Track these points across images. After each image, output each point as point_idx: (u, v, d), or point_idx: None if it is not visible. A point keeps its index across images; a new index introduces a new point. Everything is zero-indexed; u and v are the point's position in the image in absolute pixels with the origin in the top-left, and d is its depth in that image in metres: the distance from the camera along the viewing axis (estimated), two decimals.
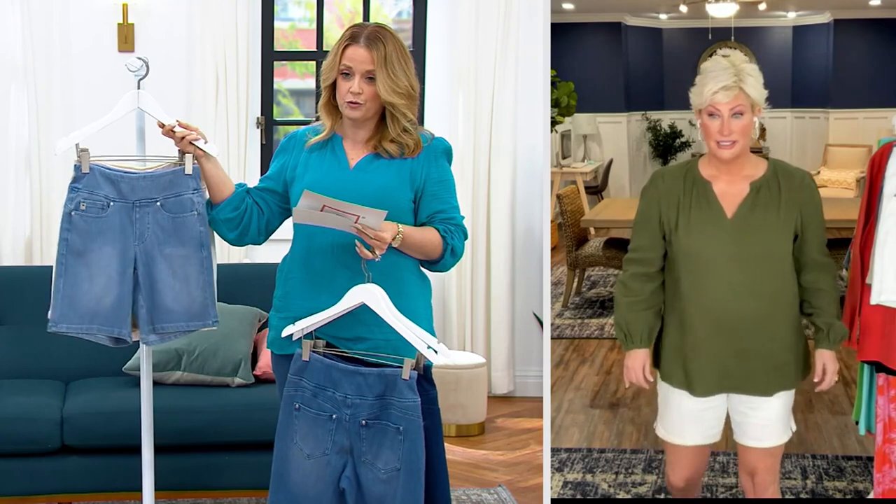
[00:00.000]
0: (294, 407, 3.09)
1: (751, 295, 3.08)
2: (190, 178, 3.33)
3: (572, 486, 4.22)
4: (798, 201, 3.10)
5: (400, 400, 2.97)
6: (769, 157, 3.22)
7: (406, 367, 2.97)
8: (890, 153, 3.37)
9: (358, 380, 3.02)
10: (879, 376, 3.48)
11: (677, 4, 10.01)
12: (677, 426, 3.25)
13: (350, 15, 6.64)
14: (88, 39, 6.04)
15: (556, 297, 6.92)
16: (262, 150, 6.36)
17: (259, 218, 3.28)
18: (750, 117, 3.02)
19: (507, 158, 6.35)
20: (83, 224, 3.32)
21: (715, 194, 3.10)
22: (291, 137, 3.30)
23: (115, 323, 3.33)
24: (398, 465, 2.98)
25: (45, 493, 4.19)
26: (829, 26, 10.70)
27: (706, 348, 3.12)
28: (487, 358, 6.35)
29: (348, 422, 3.03)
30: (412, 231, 3.12)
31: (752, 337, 3.11)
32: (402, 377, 2.96)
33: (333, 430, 3.04)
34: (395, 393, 2.98)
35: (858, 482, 4.20)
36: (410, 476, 2.97)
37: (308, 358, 3.07)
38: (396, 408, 2.97)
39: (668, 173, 3.17)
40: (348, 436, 3.03)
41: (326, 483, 3.05)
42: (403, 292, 3.15)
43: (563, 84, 8.72)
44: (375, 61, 3.07)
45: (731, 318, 3.09)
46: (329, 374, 3.04)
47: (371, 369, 3.02)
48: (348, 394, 3.02)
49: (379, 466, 3.00)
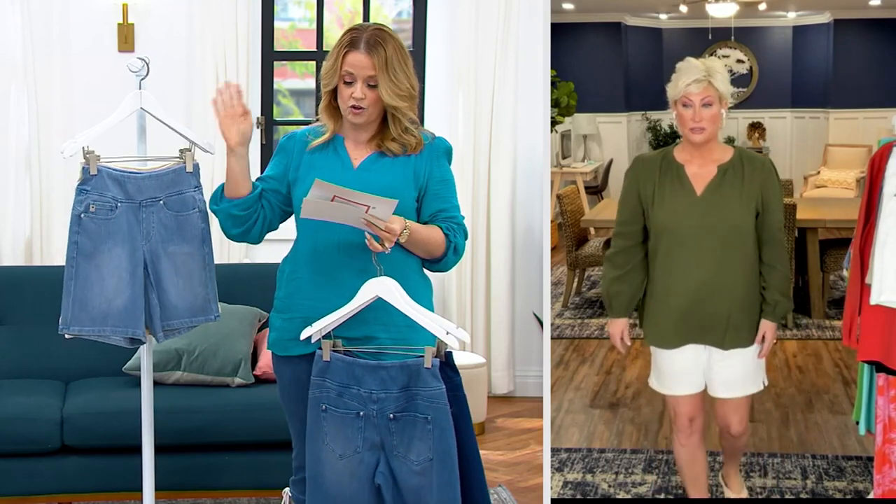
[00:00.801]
0: (321, 409, 3.08)
1: (715, 262, 3.49)
2: (191, 176, 3.35)
3: (572, 486, 4.22)
4: (759, 182, 3.49)
5: (425, 389, 2.98)
6: (735, 146, 3.64)
7: (428, 355, 2.98)
8: (890, 153, 3.37)
9: (381, 374, 3.02)
10: (879, 376, 3.48)
11: (677, 4, 10.01)
12: (667, 380, 3.67)
13: (350, 15, 6.64)
14: (88, 39, 6.04)
15: (556, 297, 6.92)
16: (262, 150, 6.36)
17: (264, 220, 3.27)
18: (718, 108, 3.46)
19: (507, 158, 6.35)
20: (93, 226, 3.33)
21: (687, 175, 3.52)
22: (291, 137, 3.29)
23: (129, 323, 3.34)
24: (430, 455, 2.99)
25: (45, 493, 4.19)
26: (829, 26, 10.69)
27: (673, 306, 3.55)
28: (487, 358, 6.36)
29: (376, 417, 3.03)
30: (418, 227, 3.13)
31: (714, 298, 3.51)
32: (424, 366, 2.97)
33: (362, 427, 3.04)
34: (419, 383, 2.99)
35: (858, 482, 4.20)
36: (444, 465, 2.98)
37: (329, 358, 3.06)
38: (422, 398, 2.98)
39: (647, 157, 3.64)
40: (378, 431, 3.03)
41: (362, 481, 3.05)
42: (408, 291, 3.15)
43: (563, 84, 8.71)
44: (377, 67, 3.07)
45: (696, 281, 3.50)
46: (352, 372, 3.04)
47: (393, 362, 3.02)
48: (373, 389, 3.02)
49: (412, 458, 3.01)
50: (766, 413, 4.56)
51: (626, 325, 3.66)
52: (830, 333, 5.56)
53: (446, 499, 3.00)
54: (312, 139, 3.24)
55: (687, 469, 3.73)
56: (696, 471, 3.71)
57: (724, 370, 3.58)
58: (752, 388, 3.63)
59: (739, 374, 3.59)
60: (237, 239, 3.29)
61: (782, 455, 4.31)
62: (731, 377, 3.59)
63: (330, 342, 3.08)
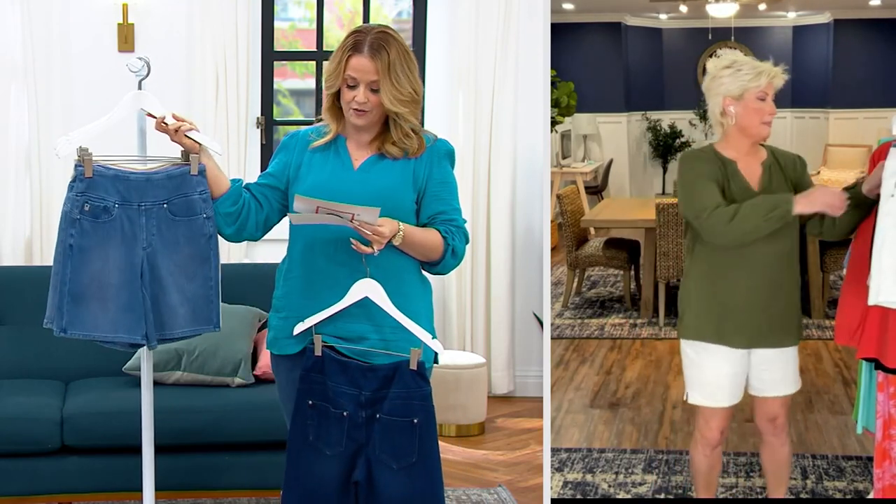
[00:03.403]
0: (308, 404, 3.10)
1: (776, 260, 3.45)
2: (196, 180, 3.26)
3: (572, 486, 4.22)
4: (795, 178, 3.52)
5: (409, 391, 3.01)
6: (763, 144, 3.60)
7: (413, 357, 3.01)
8: (888, 153, 3.37)
9: (368, 375, 3.05)
10: (878, 373, 3.48)
11: (677, 4, 10.01)
12: (711, 391, 3.54)
13: (350, 15, 6.64)
14: (88, 39, 6.04)
15: (556, 297, 6.92)
16: (262, 150, 6.36)
17: (258, 213, 3.27)
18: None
19: (507, 158, 6.35)
20: (87, 227, 3.24)
21: (740, 172, 3.47)
22: (294, 136, 3.30)
23: (128, 329, 3.26)
24: (414, 458, 3.01)
25: (45, 493, 4.19)
26: (829, 26, 10.69)
27: (740, 305, 3.45)
28: (487, 358, 6.36)
29: (361, 417, 3.05)
30: (413, 230, 3.13)
31: (777, 296, 3.47)
32: (410, 367, 3.00)
33: (346, 426, 3.06)
34: (403, 385, 3.01)
35: (858, 482, 4.20)
36: (426, 468, 3.01)
37: (320, 353, 3.08)
38: (406, 399, 3.01)
39: (703, 151, 3.52)
40: (360, 431, 3.05)
41: (341, 479, 3.07)
42: (405, 293, 3.16)
43: (563, 84, 8.72)
44: (380, 71, 3.08)
45: (761, 279, 3.44)
46: (341, 370, 3.06)
47: (382, 364, 3.05)
48: (360, 389, 3.04)
49: (393, 460, 3.03)
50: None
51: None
52: (830, 333, 5.56)
53: (428, 502, 3.03)
54: (315, 138, 3.25)
55: (703, 477, 3.71)
56: (713, 477, 3.72)
57: (776, 369, 3.54)
58: (798, 383, 3.62)
59: (791, 369, 3.57)
60: (234, 238, 3.29)
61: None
62: (785, 374, 3.56)
63: (320, 337, 3.10)
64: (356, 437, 3.06)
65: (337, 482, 3.09)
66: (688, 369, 3.57)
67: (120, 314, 3.26)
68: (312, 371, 3.10)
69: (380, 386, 3.04)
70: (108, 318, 3.27)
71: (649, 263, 6.42)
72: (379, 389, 3.04)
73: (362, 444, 3.06)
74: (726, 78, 3.43)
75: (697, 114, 10.99)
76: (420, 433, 3.01)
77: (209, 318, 3.36)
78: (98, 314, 3.27)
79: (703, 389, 3.55)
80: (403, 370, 3.02)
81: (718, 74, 3.45)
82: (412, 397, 3.02)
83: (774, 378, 3.55)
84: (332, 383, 3.08)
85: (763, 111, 3.44)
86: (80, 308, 3.25)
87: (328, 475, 3.09)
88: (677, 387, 5.29)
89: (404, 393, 3.02)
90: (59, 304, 3.24)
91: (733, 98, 3.43)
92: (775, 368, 3.54)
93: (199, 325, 3.35)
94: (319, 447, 3.09)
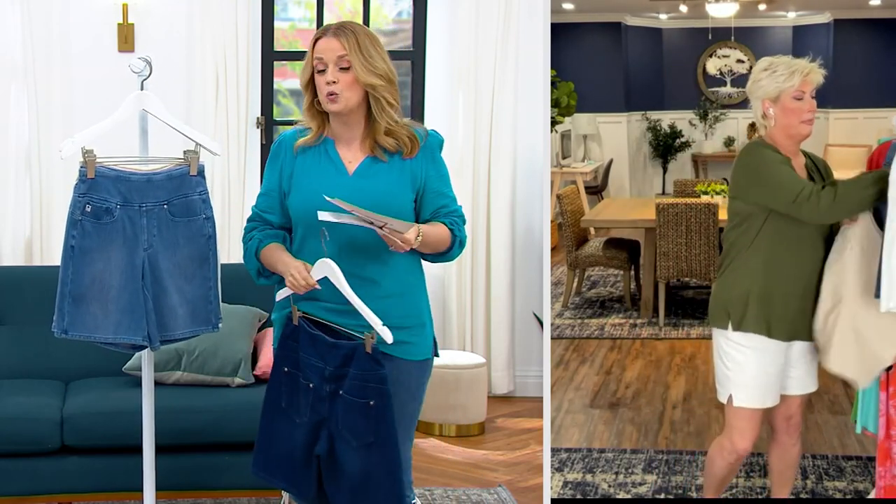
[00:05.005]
0: (283, 371, 3.18)
1: (817, 254, 3.45)
2: (196, 180, 3.25)
3: (572, 486, 4.22)
4: (826, 175, 3.55)
5: (364, 373, 3.05)
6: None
7: (367, 342, 3.05)
8: (887, 153, 3.36)
9: (332, 351, 3.09)
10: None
11: (677, 4, 10.01)
12: (760, 391, 3.49)
13: (350, 15, 6.64)
14: (88, 39, 6.04)
15: (556, 297, 6.93)
16: (262, 150, 6.36)
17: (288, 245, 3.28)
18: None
19: (507, 158, 6.35)
20: (90, 228, 3.25)
21: (795, 170, 3.44)
22: (280, 142, 3.26)
23: (129, 330, 3.27)
24: (371, 438, 3.07)
25: (45, 493, 4.19)
26: (829, 26, 10.70)
27: (790, 297, 3.44)
28: (487, 358, 6.36)
29: (325, 391, 3.11)
30: (428, 231, 3.15)
31: (814, 291, 3.45)
32: (365, 350, 3.05)
33: (311, 397, 3.13)
34: (359, 366, 3.06)
35: (858, 482, 4.20)
36: (383, 449, 3.07)
37: (297, 323, 3.14)
38: (362, 381, 3.06)
39: (766, 144, 3.47)
40: (324, 404, 3.12)
41: (307, 447, 3.15)
42: (407, 288, 3.21)
43: (563, 84, 8.72)
44: (347, 48, 3.09)
45: (808, 273, 3.44)
46: (310, 342, 3.12)
47: (349, 342, 3.09)
48: (326, 364, 3.10)
49: (353, 437, 3.08)
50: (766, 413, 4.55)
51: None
52: None
53: (385, 481, 3.08)
54: (300, 137, 3.22)
55: (718, 482, 3.70)
56: (725, 483, 3.72)
57: (804, 364, 3.54)
58: (817, 383, 3.62)
59: (814, 367, 3.58)
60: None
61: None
62: (809, 370, 3.57)
63: (297, 308, 3.14)
64: (320, 409, 3.12)
65: (303, 450, 3.17)
66: (729, 370, 3.50)
67: (121, 316, 3.26)
68: (290, 339, 3.17)
69: (341, 363, 3.09)
70: (109, 319, 3.27)
71: (649, 263, 6.43)
72: (341, 366, 3.09)
73: (325, 417, 3.12)
74: (764, 80, 3.44)
75: (697, 114, 11.00)
76: (376, 415, 3.05)
77: (208, 318, 3.36)
78: (99, 316, 3.28)
79: (747, 390, 3.49)
80: (360, 352, 3.06)
81: (757, 78, 3.46)
82: (368, 380, 3.06)
83: (800, 375, 3.55)
84: (303, 354, 3.14)
85: (801, 110, 3.43)
86: (80, 309, 3.25)
87: (297, 442, 3.17)
88: (677, 387, 5.29)
89: (360, 374, 3.06)
90: (59, 305, 3.25)
91: (771, 100, 3.43)
92: (803, 364, 3.53)
93: (198, 325, 3.35)
94: (290, 414, 3.17)
